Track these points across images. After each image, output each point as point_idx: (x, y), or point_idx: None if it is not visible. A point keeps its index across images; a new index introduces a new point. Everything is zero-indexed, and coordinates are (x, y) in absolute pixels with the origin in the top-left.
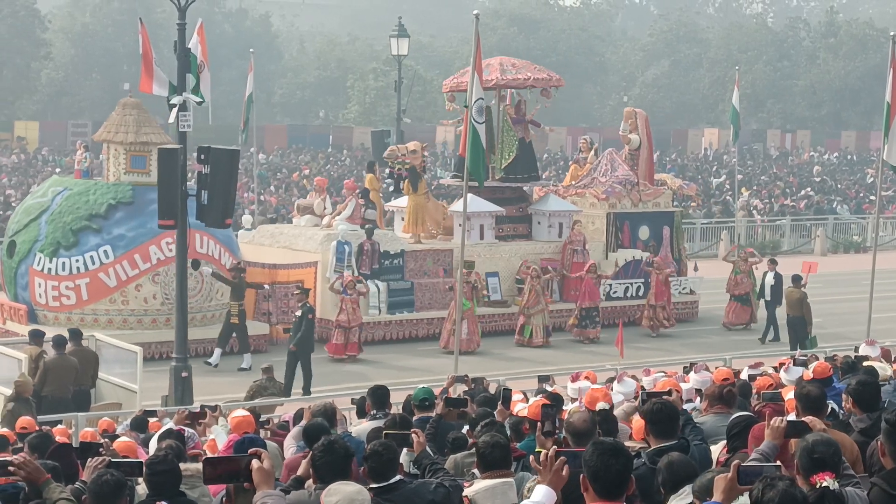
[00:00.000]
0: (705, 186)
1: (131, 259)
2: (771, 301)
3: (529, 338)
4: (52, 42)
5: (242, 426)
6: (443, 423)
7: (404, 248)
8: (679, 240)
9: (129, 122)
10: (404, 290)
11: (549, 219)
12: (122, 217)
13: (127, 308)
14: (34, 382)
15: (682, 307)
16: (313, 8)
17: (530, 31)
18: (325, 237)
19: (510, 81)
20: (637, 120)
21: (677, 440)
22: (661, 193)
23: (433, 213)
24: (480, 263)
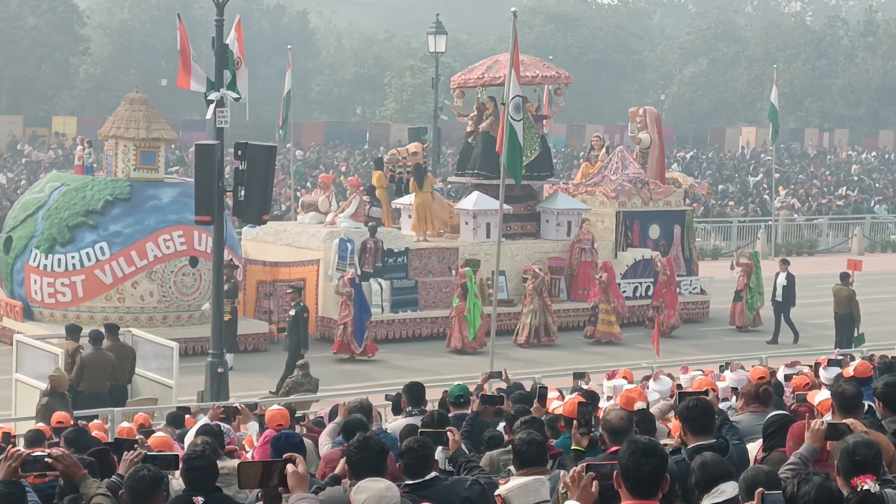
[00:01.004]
0: (742, 185)
1: (128, 256)
2: (782, 302)
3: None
4: (91, 37)
5: (276, 419)
6: (479, 421)
7: (408, 247)
8: (690, 239)
9: (139, 117)
10: (408, 289)
11: (558, 217)
12: (119, 213)
13: (123, 306)
14: (71, 377)
15: (692, 307)
16: (351, 5)
17: (568, 29)
18: (328, 235)
19: (518, 78)
20: (647, 118)
21: (715, 438)
22: (672, 192)
23: (439, 212)
24: (486, 262)
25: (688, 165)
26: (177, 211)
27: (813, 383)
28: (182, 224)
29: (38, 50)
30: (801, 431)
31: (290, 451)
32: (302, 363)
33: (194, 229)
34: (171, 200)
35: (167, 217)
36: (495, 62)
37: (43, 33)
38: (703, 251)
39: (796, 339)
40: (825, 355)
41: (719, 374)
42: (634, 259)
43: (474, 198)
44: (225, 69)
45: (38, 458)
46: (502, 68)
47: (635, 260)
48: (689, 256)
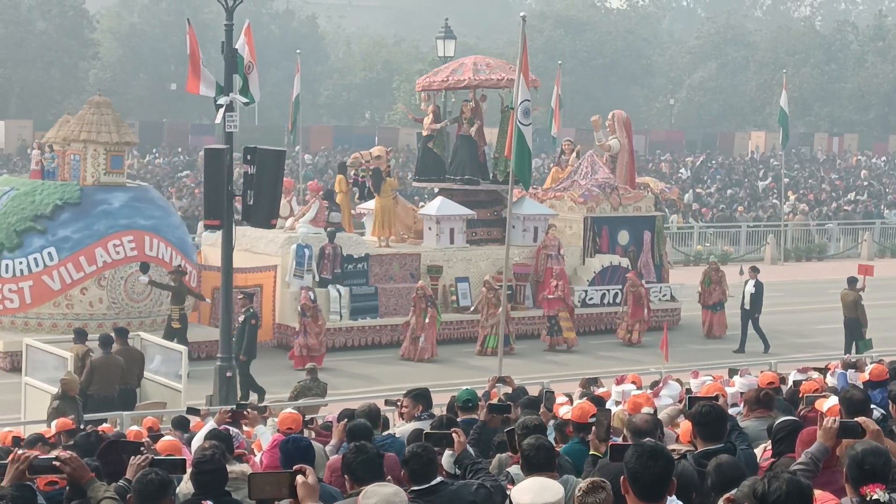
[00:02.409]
0: (752, 190)
1: (76, 261)
2: (749, 310)
3: (493, 348)
4: (100, 42)
5: (287, 423)
6: (486, 429)
7: (369, 252)
8: (661, 245)
9: (108, 121)
10: (368, 296)
11: (524, 222)
12: (68, 218)
13: (72, 312)
14: (80, 381)
15: (662, 315)
16: (360, 9)
17: (576, 34)
18: (286, 240)
19: (483, 81)
20: (615, 123)
21: (724, 444)
22: (643, 197)
23: (402, 217)
24: (449, 269)
25: (697, 170)
26: (127, 216)
27: (822, 388)
28: (133, 229)
29: (48, 54)
30: (810, 437)
31: (299, 455)
32: (310, 367)
33: (145, 234)
34: (121, 205)
35: (117, 222)
36: (460, 65)
37: (52, 38)
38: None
39: (766, 349)
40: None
41: (728, 379)
42: (602, 265)
43: (438, 203)
44: (234, 73)
45: (46, 461)
46: (467, 71)
47: (603, 266)
48: (659, 263)
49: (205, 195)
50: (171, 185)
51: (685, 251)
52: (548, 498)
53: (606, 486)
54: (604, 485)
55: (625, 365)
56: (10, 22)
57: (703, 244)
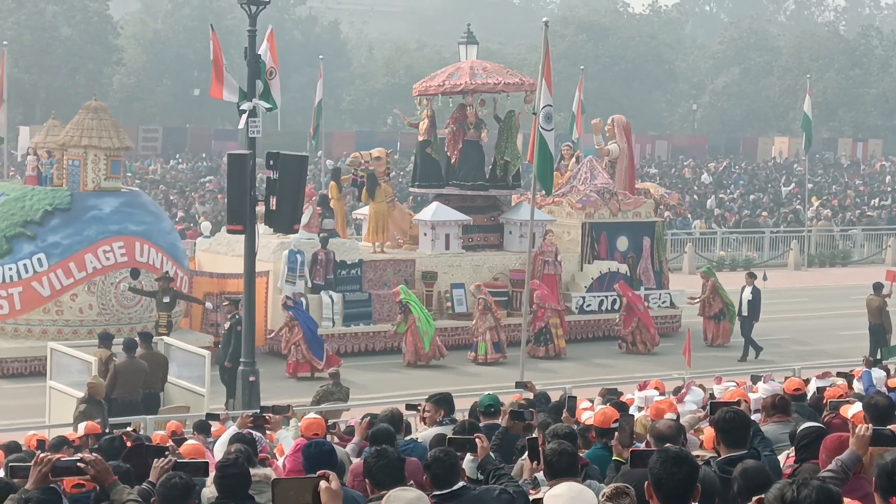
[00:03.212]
0: (775, 195)
1: (66, 268)
2: (748, 317)
3: (483, 355)
4: (124, 48)
5: (312, 428)
6: (509, 436)
7: (362, 258)
8: (660, 251)
9: (107, 126)
10: (361, 302)
11: (521, 228)
12: (58, 224)
13: (62, 318)
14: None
15: (661, 321)
16: (382, 15)
17: (599, 39)
18: (278, 246)
19: (479, 86)
20: (615, 127)
21: (748, 450)
22: (642, 203)
23: (398, 222)
24: (444, 274)
25: (719, 175)
26: (118, 221)
27: (846, 395)
28: (123, 235)
29: (72, 60)
30: (835, 444)
31: (321, 459)
32: (333, 372)
33: (136, 240)
34: (112, 211)
35: (108, 228)
36: (457, 69)
37: (77, 44)
38: (735, 262)
39: (757, 355)
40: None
41: (752, 385)
42: (600, 272)
43: (433, 208)
44: (257, 79)
45: (69, 464)
46: (464, 75)
47: (601, 273)
48: (659, 269)
49: (228, 200)
50: (194, 191)
51: (707, 256)
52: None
53: (630, 491)
54: (628, 490)
55: (616, 373)
56: (35, 28)
57: (726, 250)
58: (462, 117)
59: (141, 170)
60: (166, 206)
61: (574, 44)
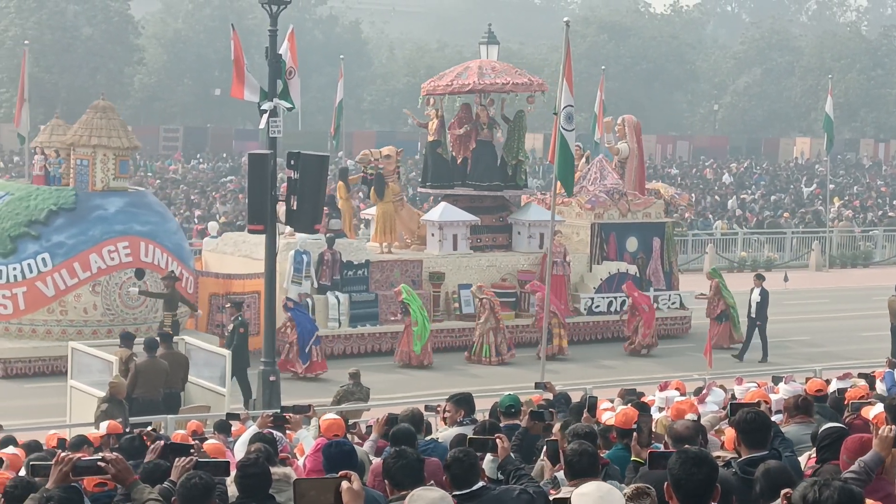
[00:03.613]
0: (796, 196)
1: (70, 268)
2: (756, 318)
3: (486, 357)
4: (145, 48)
5: (333, 429)
6: (528, 436)
7: (369, 259)
8: (670, 252)
9: (116, 126)
10: (368, 303)
11: (530, 229)
12: (63, 224)
13: (66, 318)
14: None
15: (671, 323)
16: (403, 15)
17: (620, 39)
18: (285, 246)
19: (488, 86)
20: (626, 127)
21: (769, 451)
22: (652, 203)
23: (406, 222)
24: (451, 275)
25: (740, 176)
26: (123, 221)
27: (868, 396)
28: (128, 235)
29: (93, 60)
30: (856, 445)
31: (342, 459)
32: (353, 372)
33: (140, 240)
34: (117, 210)
35: (113, 228)
36: (465, 69)
37: (98, 43)
38: (756, 262)
39: (741, 356)
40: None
41: (773, 386)
42: (609, 273)
43: (441, 209)
44: (278, 79)
45: (90, 463)
46: (472, 75)
47: (609, 274)
48: (668, 270)
49: (249, 200)
50: (215, 191)
51: (729, 257)
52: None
53: (651, 492)
54: (649, 490)
55: (617, 374)
56: (56, 28)
57: (748, 250)
58: (467, 117)
59: (161, 169)
60: (187, 206)
61: (595, 44)
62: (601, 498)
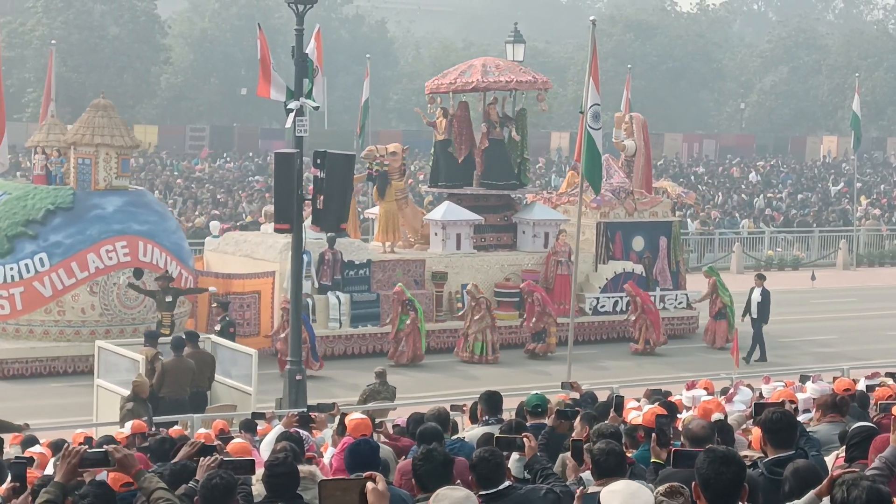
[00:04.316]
0: (823, 194)
1: (68, 267)
2: (757, 318)
3: (481, 354)
4: (172, 47)
5: (360, 429)
6: (555, 435)
7: (371, 258)
8: (677, 251)
9: (118, 124)
10: (369, 303)
11: (534, 228)
12: (61, 223)
13: (63, 319)
14: (152, 384)
15: (678, 322)
16: (429, 14)
17: (646, 38)
18: (285, 246)
19: (491, 84)
20: (633, 124)
21: (795, 450)
22: (659, 202)
23: (411, 220)
24: (454, 275)
25: (767, 174)
26: (121, 220)
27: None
28: (126, 234)
29: (120, 59)
30: (885, 444)
31: (367, 458)
32: (379, 371)
33: (139, 240)
34: (115, 210)
35: (111, 227)
36: (469, 67)
37: (125, 43)
38: (783, 261)
39: (762, 357)
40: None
41: (801, 385)
42: (614, 272)
43: (444, 208)
44: (305, 78)
45: (98, 455)
46: (476, 73)
47: (615, 273)
48: (675, 269)
49: (275, 199)
50: (242, 190)
51: (756, 256)
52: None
53: (685, 491)
54: (682, 490)
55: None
56: (83, 28)
57: (775, 249)
58: (464, 116)
59: (188, 168)
60: (213, 205)
61: (621, 43)
62: (631, 495)
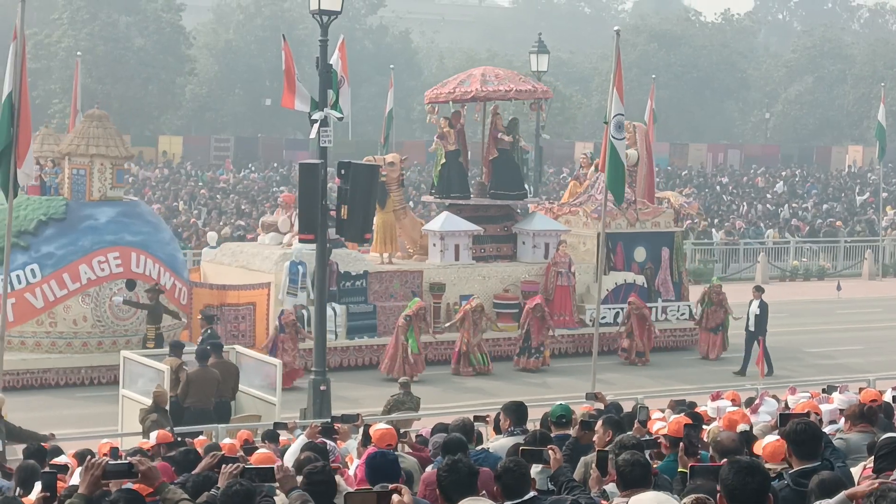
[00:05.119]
0: (849, 204)
1: (59, 279)
2: (754, 331)
3: (484, 365)
4: (197, 58)
5: (385, 439)
6: (579, 446)
7: (367, 269)
8: (679, 262)
9: (112, 134)
10: (366, 314)
11: (534, 238)
12: (53, 234)
13: (55, 330)
14: (177, 394)
15: (679, 334)
16: (453, 24)
17: (671, 48)
18: (281, 257)
19: (490, 93)
20: (636, 134)
21: (820, 461)
22: (661, 212)
23: (409, 231)
24: (453, 286)
25: (792, 184)
26: (114, 231)
27: None
28: (119, 245)
29: (145, 70)
30: None
31: (385, 469)
32: (403, 381)
33: (132, 251)
34: (108, 220)
35: (103, 238)
36: (469, 76)
37: (150, 54)
38: (809, 271)
39: (769, 371)
40: None
41: (827, 395)
42: (615, 283)
43: (443, 218)
44: (329, 89)
45: (120, 466)
46: (475, 82)
47: (616, 284)
48: (678, 281)
49: (299, 210)
50: (266, 200)
51: (781, 266)
52: None
53: (710, 502)
54: (708, 501)
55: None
56: (108, 39)
57: (800, 259)
58: (457, 125)
59: (212, 179)
60: (238, 215)
61: (646, 53)
62: None
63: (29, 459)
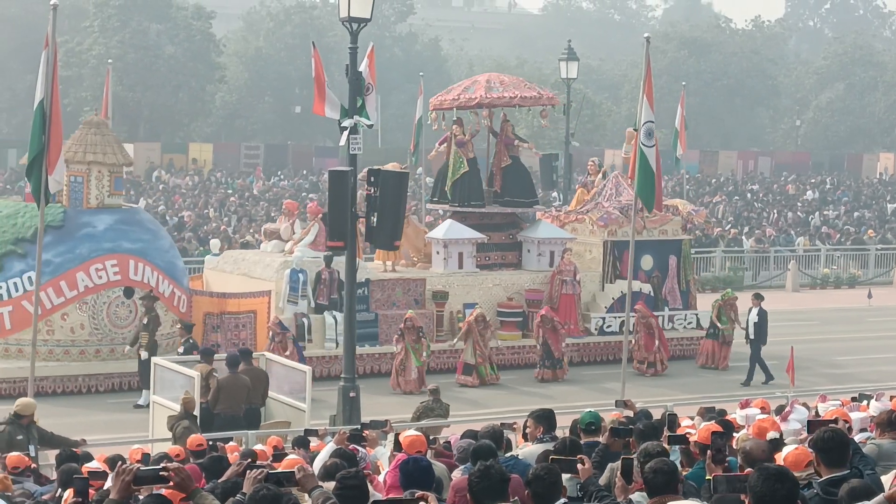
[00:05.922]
0: (880, 212)
1: (56, 286)
2: (755, 339)
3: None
4: (227, 66)
5: (415, 445)
6: (608, 453)
7: (369, 278)
8: (687, 270)
9: (111, 141)
10: (367, 323)
11: (539, 246)
12: (50, 241)
13: (53, 338)
14: (208, 400)
15: (686, 343)
16: (482, 32)
17: (701, 55)
18: (282, 264)
19: (495, 99)
20: None
21: (849, 469)
22: (669, 220)
23: (412, 239)
24: (456, 294)
25: (824, 192)
26: (112, 239)
27: None
28: (116, 253)
29: (176, 78)
30: None
31: (419, 475)
32: (433, 388)
33: (130, 258)
34: (106, 228)
35: (101, 245)
36: (473, 82)
37: (180, 62)
38: (840, 279)
39: (767, 378)
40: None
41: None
42: (621, 292)
43: (446, 226)
44: (358, 96)
45: (152, 472)
46: (479, 89)
47: (622, 293)
48: (685, 289)
49: (329, 217)
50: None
51: (811, 274)
52: None
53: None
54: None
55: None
56: (139, 47)
57: (831, 267)
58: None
59: (243, 186)
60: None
61: (676, 59)
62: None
63: (66, 463)
